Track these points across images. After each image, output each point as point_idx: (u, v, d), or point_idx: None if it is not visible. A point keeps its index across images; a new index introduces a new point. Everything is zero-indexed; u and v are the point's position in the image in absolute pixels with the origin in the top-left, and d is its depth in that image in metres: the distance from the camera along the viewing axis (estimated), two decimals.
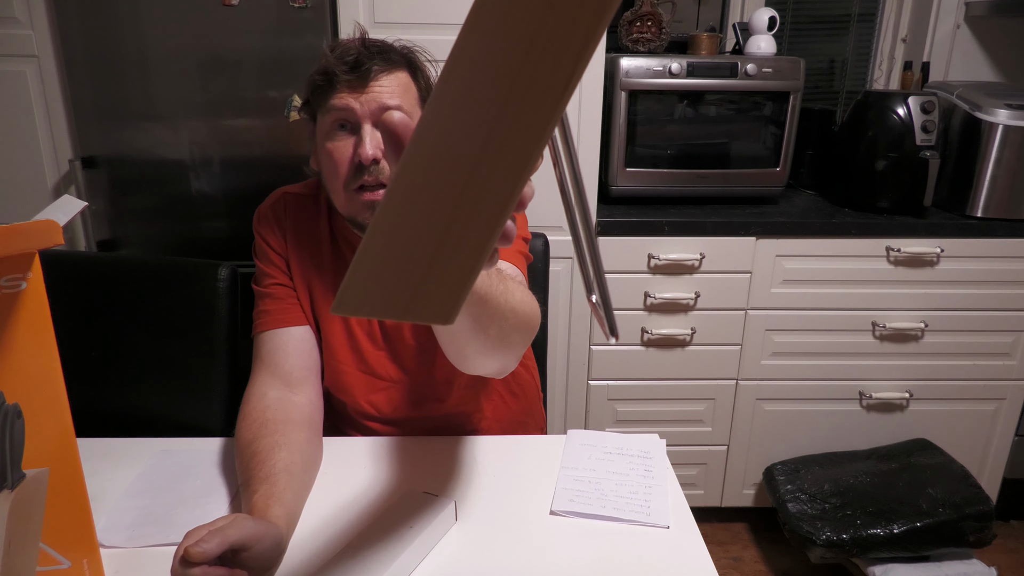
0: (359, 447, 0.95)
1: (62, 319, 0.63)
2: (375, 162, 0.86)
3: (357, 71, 0.86)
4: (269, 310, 0.97)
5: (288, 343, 0.96)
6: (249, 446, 0.83)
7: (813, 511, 1.69)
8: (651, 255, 1.72)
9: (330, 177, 0.90)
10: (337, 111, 0.87)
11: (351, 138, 0.87)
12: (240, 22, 1.56)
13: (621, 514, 0.80)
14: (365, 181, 0.87)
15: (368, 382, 1.00)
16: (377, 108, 0.86)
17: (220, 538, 0.62)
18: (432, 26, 1.57)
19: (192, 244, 1.69)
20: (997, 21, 2.04)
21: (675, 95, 1.76)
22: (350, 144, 0.87)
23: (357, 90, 0.86)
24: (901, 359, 1.82)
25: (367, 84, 0.86)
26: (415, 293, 0.32)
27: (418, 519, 0.75)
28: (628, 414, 1.86)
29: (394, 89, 0.87)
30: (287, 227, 0.99)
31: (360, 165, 0.86)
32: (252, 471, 0.79)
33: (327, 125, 0.89)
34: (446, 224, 0.31)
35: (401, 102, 0.88)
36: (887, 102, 1.76)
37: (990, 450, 1.91)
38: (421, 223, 0.32)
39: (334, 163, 0.88)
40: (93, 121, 1.61)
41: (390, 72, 0.88)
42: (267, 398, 0.90)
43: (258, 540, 0.65)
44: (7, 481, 0.59)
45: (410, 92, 0.90)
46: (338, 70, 0.85)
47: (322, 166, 0.92)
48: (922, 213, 1.77)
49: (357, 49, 0.87)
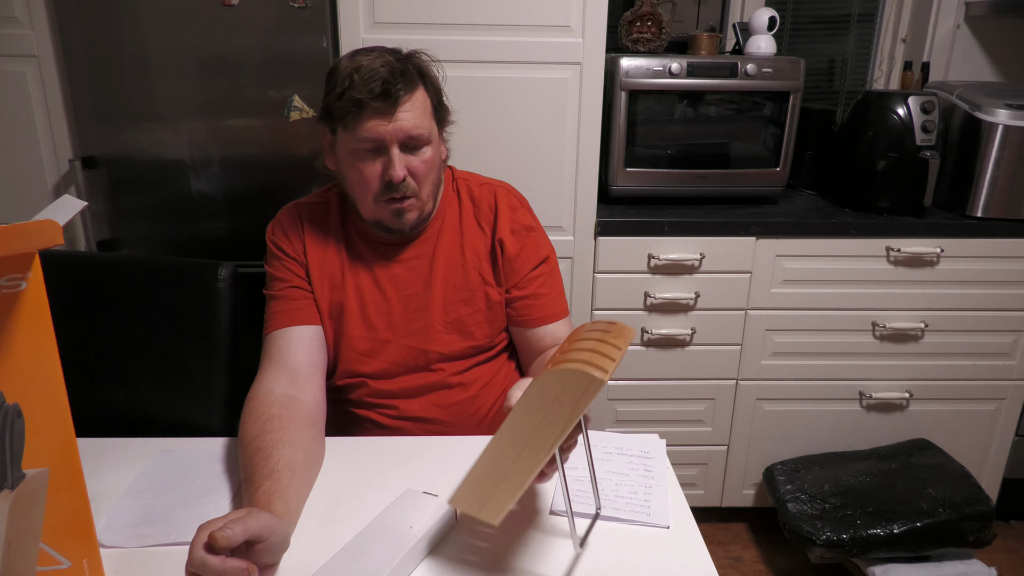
0: (359, 447, 0.95)
1: (62, 319, 0.63)
2: (403, 180, 0.98)
3: (386, 100, 0.94)
4: (281, 311, 1.04)
5: (299, 340, 1.02)
6: (253, 441, 0.84)
7: (813, 511, 1.69)
8: (651, 255, 1.72)
9: (359, 191, 1.01)
10: (369, 141, 0.97)
11: (380, 158, 0.98)
12: (240, 22, 1.56)
13: (621, 514, 0.80)
14: (394, 196, 0.99)
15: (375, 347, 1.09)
16: (404, 137, 0.97)
17: (243, 526, 0.64)
18: (432, 26, 1.57)
19: (192, 244, 1.69)
20: (997, 21, 2.04)
21: (675, 95, 1.76)
22: (379, 163, 0.98)
23: (385, 116, 0.96)
24: (901, 359, 1.82)
25: (395, 111, 0.96)
26: (485, 501, 0.64)
27: (418, 519, 0.75)
28: (628, 414, 1.86)
29: (416, 113, 0.98)
30: (304, 234, 1.08)
31: (389, 183, 0.98)
32: (256, 466, 0.80)
33: (358, 148, 0.98)
34: (506, 471, 0.65)
35: (422, 127, 0.99)
36: (887, 102, 1.77)
37: (990, 450, 1.91)
38: (497, 466, 0.66)
39: (365, 180, 0.99)
40: (93, 121, 1.61)
41: (411, 94, 0.97)
42: (273, 394, 0.93)
43: (272, 532, 0.67)
44: (7, 481, 0.59)
45: (426, 108, 1.01)
46: (366, 99, 0.94)
47: (349, 180, 1.03)
48: (922, 213, 1.77)
49: (383, 77, 0.94)
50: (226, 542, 0.61)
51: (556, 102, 1.65)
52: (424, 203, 1.03)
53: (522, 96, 1.64)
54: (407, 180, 0.99)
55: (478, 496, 0.64)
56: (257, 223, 1.67)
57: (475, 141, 1.64)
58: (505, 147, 1.67)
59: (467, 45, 1.59)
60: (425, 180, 1.01)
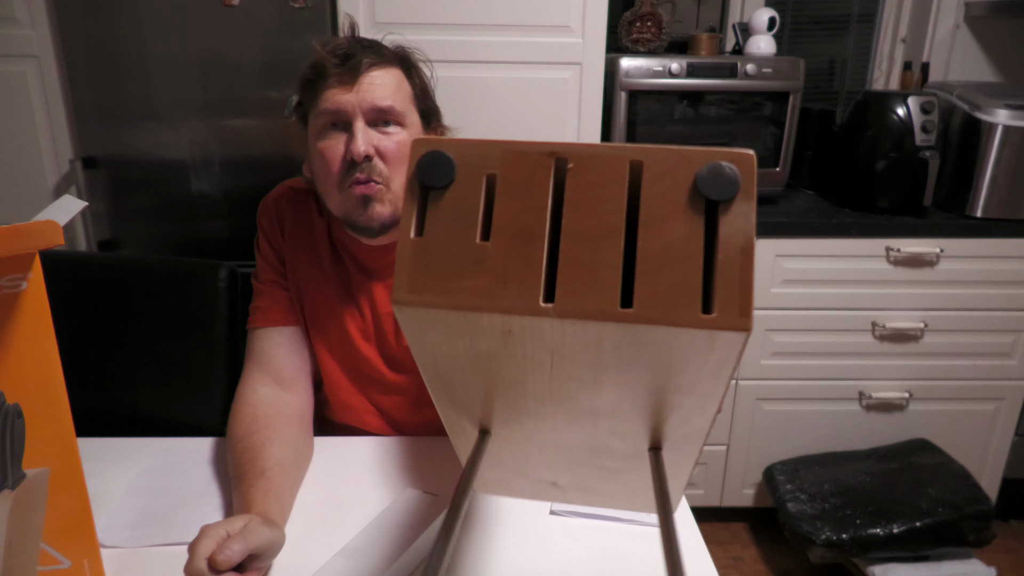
0: (359, 447, 0.95)
1: (62, 319, 0.63)
2: (367, 159, 0.83)
3: (347, 63, 0.83)
4: (264, 307, 0.97)
5: (281, 343, 0.96)
6: (240, 441, 0.84)
7: (813, 511, 1.69)
8: None
9: (322, 178, 0.88)
10: (328, 114, 0.85)
11: (343, 135, 0.85)
12: (240, 22, 1.56)
13: (621, 514, 0.80)
14: (357, 178, 0.84)
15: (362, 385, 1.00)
16: (369, 107, 0.84)
17: (242, 546, 0.63)
18: (432, 26, 1.57)
19: (192, 244, 1.69)
20: (997, 21, 2.04)
21: (675, 95, 1.76)
22: (341, 142, 0.85)
23: (347, 85, 0.84)
24: (901, 359, 1.82)
25: (357, 78, 0.83)
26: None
27: (418, 519, 0.75)
28: None
29: (387, 84, 0.85)
30: (285, 224, 0.97)
31: (352, 162, 0.83)
32: (245, 465, 0.80)
33: (318, 126, 0.87)
34: None
35: (393, 101, 0.85)
36: (887, 102, 1.76)
37: (990, 450, 1.91)
38: None
39: (325, 162, 0.86)
40: (93, 121, 1.61)
41: (382, 67, 0.85)
42: (258, 395, 0.91)
43: (270, 546, 0.67)
44: (7, 481, 0.59)
45: (403, 90, 0.88)
46: (328, 63, 0.83)
47: (313, 168, 0.90)
48: (922, 213, 1.77)
49: (347, 42, 0.86)
50: (227, 564, 0.62)
51: (556, 102, 1.65)
52: (397, 196, 0.86)
53: (522, 96, 1.64)
54: (374, 161, 0.84)
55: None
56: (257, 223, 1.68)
57: None
58: None
59: (467, 45, 1.59)
60: (397, 165, 0.85)
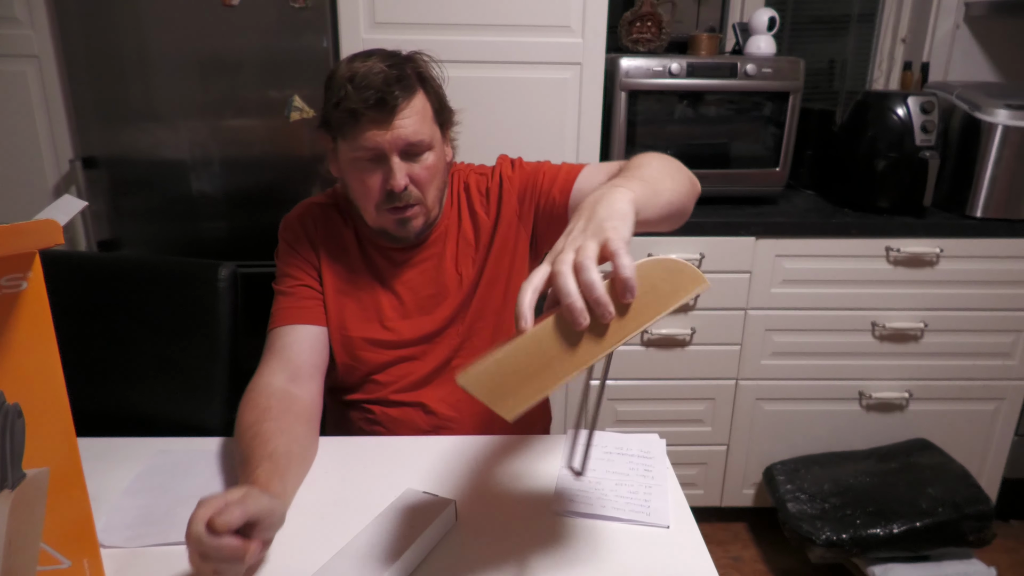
0: (359, 447, 0.95)
1: (62, 319, 0.63)
2: (404, 189, 0.96)
3: (382, 109, 0.92)
4: (288, 307, 1.03)
5: (303, 339, 1.01)
6: (251, 427, 0.85)
7: (813, 511, 1.69)
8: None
9: (362, 200, 1.00)
10: (367, 150, 0.95)
11: (380, 168, 0.96)
12: (240, 22, 1.56)
13: (621, 514, 0.80)
14: (397, 205, 0.97)
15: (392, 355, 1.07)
16: (404, 145, 0.95)
17: (241, 510, 0.64)
18: (432, 26, 1.57)
19: (192, 244, 1.69)
20: (997, 21, 2.04)
21: (675, 95, 1.76)
22: (380, 174, 0.96)
23: (382, 126, 0.93)
24: (901, 359, 1.82)
25: (392, 120, 0.93)
26: (507, 393, 0.56)
27: (418, 519, 0.75)
28: (628, 414, 1.86)
29: (415, 119, 0.95)
30: (317, 238, 1.07)
31: (391, 192, 0.96)
32: (254, 449, 0.81)
33: (356, 158, 0.96)
34: (548, 360, 0.57)
35: (421, 134, 0.96)
36: (887, 102, 1.77)
37: (990, 450, 1.91)
38: (535, 352, 0.57)
39: (366, 188, 0.97)
40: (93, 121, 1.62)
41: (408, 100, 0.94)
42: (272, 387, 0.94)
43: (270, 514, 0.68)
44: (7, 481, 0.59)
45: (426, 113, 0.98)
46: (361, 109, 0.92)
47: (351, 188, 1.01)
48: (922, 213, 1.77)
49: (377, 85, 0.91)
50: (225, 527, 0.62)
51: (556, 102, 1.65)
52: (430, 208, 1.01)
53: (522, 96, 1.64)
54: (409, 188, 0.97)
55: (498, 384, 0.56)
56: (257, 223, 1.69)
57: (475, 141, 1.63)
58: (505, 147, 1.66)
59: (467, 45, 1.59)
60: (428, 186, 0.99)
